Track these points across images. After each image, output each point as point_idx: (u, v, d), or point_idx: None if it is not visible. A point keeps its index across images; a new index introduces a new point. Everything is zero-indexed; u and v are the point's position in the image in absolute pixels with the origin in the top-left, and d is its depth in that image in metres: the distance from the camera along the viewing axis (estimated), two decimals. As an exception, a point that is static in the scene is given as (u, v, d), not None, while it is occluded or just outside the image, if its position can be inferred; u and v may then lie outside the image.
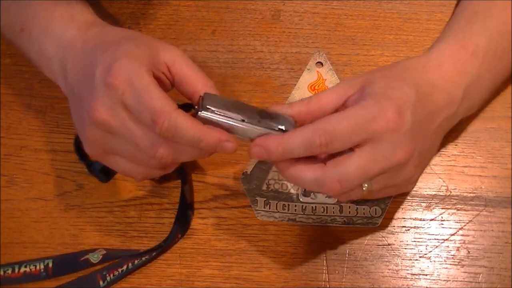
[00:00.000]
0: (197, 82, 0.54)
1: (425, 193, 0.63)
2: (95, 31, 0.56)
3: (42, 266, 0.62)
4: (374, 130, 0.51)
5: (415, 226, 0.62)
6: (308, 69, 0.67)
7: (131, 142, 0.53)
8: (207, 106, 0.52)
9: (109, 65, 0.51)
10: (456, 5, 0.64)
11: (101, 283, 0.60)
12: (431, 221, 0.63)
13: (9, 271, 0.62)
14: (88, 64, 0.53)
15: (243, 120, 0.52)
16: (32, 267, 0.62)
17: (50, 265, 0.62)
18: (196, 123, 0.51)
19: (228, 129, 0.52)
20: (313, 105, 0.53)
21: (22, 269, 0.62)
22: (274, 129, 0.52)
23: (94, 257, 0.61)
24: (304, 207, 0.62)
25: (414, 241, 0.62)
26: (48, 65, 0.58)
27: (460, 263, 0.62)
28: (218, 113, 0.52)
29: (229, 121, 0.52)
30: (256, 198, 0.63)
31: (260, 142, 0.52)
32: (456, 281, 0.61)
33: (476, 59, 0.57)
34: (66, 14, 0.57)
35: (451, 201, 0.63)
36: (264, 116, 0.52)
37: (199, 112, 0.52)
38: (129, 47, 0.52)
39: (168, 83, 0.54)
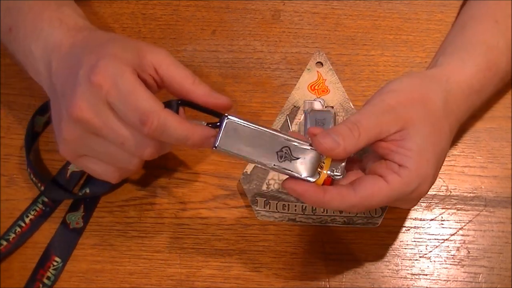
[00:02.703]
0: (185, 82, 0.54)
1: (425, 193, 0.63)
2: (84, 35, 0.56)
3: (40, 206, 0.63)
4: (409, 198, 0.53)
5: (415, 226, 0.62)
6: (308, 69, 0.67)
7: (115, 142, 0.52)
8: (219, 146, 0.51)
9: (93, 64, 0.51)
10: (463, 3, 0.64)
11: None
12: (431, 221, 0.63)
13: (19, 229, 0.62)
14: (73, 65, 0.53)
15: (257, 162, 0.51)
16: (34, 212, 0.63)
17: (46, 199, 0.63)
18: (183, 121, 0.51)
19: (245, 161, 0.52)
20: (361, 141, 0.51)
21: (28, 220, 0.63)
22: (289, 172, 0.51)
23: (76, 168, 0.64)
24: (304, 207, 0.62)
25: (414, 241, 0.62)
26: (33, 65, 0.58)
27: (460, 263, 0.62)
28: (232, 150, 0.51)
29: (244, 158, 0.52)
30: (256, 198, 0.63)
31: (297, 189, 0.51)
32: (456, 281, 0.61)
33: (494, 79, 0.59)
34: (54, 18, 0.57)
35: (451, 201, 0.63)
36: (285, 156, 0.51)
37: (213, 147, 0.52)
38: (115, 49, 0.52)
39: (154, 86, 0.54)
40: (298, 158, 0.51)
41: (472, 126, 0.65)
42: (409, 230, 0.62)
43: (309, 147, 0.52)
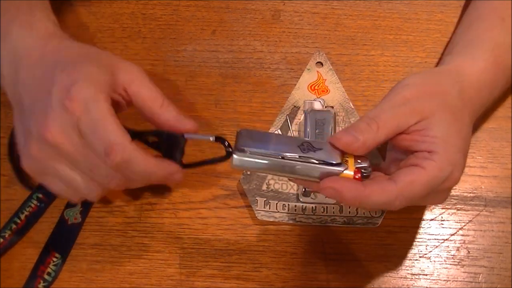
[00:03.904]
0: (153, 104, 0.54)
1: (425, 193, 0.63)
2: (54, 45, 0.55)
3: (35, 202, 0.63)
4: (442, 188, 0.52)
5: (415, 226, 0.62)
6: (308, 69, 0.67)
7: (83, 168, 0.52)
8: (241, 147, 0.50)
9: (67, 87, 0.50)
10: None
11: None
12: (431, 221, 0.63)
13: (14, 225, 0.62)
14: (44, 79, 0.52)
15: (282, 158, 0.50)
16: (29, 208, 0.63)
17: (41, 195, 0.63)
18: (149, 158, 0.52)
19: (268, 170, 0.50)
20: (380, 134, 0.51)
21: (23, 216, 0.63)
22: (317, 164, 0.50)
23: None
24: (304, 207, 0.62)
25: (414, 241, 0.62)
26: None
27: (460, 263, 0.62)
28: (254, 152, 0.50)
29: (267, 159, 0.50)
30: (256, 198, 0.63)
31: (336, 186, 0.50)
32: (456, 281, 0.61)
33: (503, 76, 0.59)
34: (25, 22, 0.56)
35: (451, 201, 0.63)
36: (306, 148, 0.51)
37: (233, 156, 0.50)
38: (89, 69, 0.52)
39: (124, 104, 0.54)
40: (321, 149, 0.51)
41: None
42: (409, 230, 0.62)
43: (328, 145, 0.51)
